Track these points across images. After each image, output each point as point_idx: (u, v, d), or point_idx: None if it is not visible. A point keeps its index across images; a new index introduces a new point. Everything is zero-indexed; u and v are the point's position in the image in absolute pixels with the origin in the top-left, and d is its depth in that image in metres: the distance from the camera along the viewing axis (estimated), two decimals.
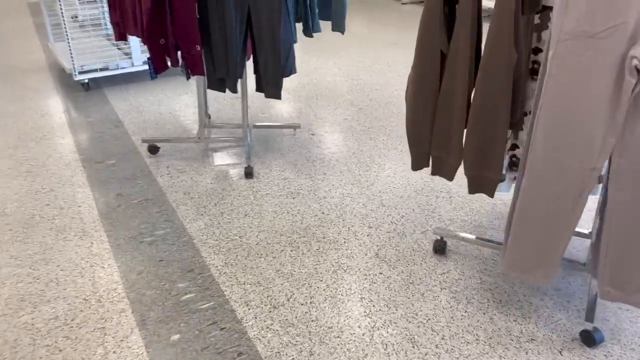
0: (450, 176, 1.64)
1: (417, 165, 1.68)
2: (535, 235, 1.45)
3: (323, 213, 2.23)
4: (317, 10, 2.53)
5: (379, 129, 3.01)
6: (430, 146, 1.63)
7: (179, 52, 2.37)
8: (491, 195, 1.59)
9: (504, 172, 1.86)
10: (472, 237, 1.94)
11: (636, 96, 1.23)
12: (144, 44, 2.36)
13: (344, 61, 4.16)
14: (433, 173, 1.68)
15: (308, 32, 2.54)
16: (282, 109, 3.27)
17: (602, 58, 1.21)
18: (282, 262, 1.92)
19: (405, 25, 5.25)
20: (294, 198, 2.33)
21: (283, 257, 1.94)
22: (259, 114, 3.19)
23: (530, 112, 1.79)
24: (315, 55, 4.21)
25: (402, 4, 6.01)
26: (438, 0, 1.46)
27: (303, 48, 2.59)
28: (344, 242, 2.03)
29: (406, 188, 2.41)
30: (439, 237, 1.97)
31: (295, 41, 2.50)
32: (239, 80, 2.49)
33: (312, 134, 2.95)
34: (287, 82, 3.72)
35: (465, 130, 1.56)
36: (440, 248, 1.95)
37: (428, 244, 2.01)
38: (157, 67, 2.39)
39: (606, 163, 1.36)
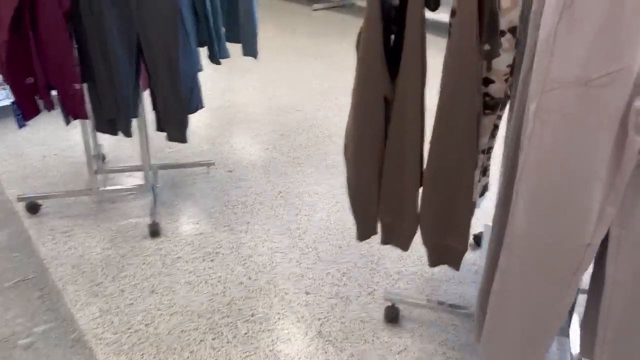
0: (405, 246, 1.33)
1: (363, 235, 1.35)
2: (517, 326, 1.16)
3: (249, 278, 1.85)
4: (223, 33, 2.14)
5: (306, 158, 2.67)
6: (378, 211, 1.31)
7: (54, 92, 1.90)
8: (457, 267, 1.30)
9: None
10: (432, 303, 1.65)
11: None
12: (6, 84, 1.87)
13: (258, 77, 3.78)
14: (384, 242, 1.36)
15: (214, 59, 2.14)
16: (193, 141, 2.85)
17: (599, 111, 0.94)
18: (203, 357, 1.53)
19: (319, 32, 4.95)
20: (212, 260, 1.94)
21: (203, 350, 1.55)
22: (165, 149, 2.75)
23: (483, 152, 1.52)
24: (225, 73, 3.80)
25: (313, 10, 5.71)
26: (377, 33, 1.13)
27: (210, 65, 2.20)
28: (278, 318, 1.67)
29: (344, 234, 2.09)
30: (390, 304, 1.66)
31: (200, 69, 2.10)
32: (136, 119, 2.05)
33: (230, 171, 2.56)
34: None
35: (421, 191, 1.25)
36: (392, 317, 1.64)
37: (378, 311, 1.69)
38: (25, 112, 1.91)
39: None
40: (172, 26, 1.80)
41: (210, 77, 3.69)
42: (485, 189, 1.64)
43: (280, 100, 3.40)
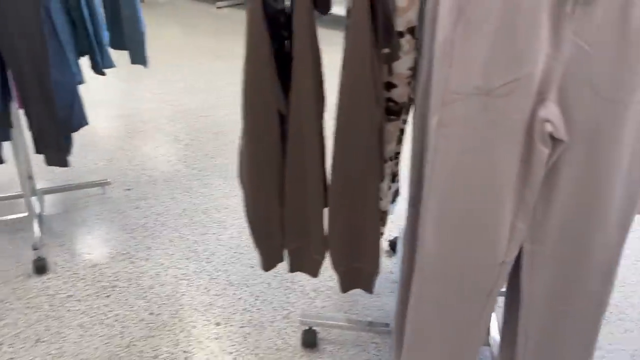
0: (314, 272, 1.21)
1: (268, 264, 1.22)
2: (437, 348, 1.08)
3: (151, 313, 1.67)
4: (106, 40, 1.93)
5: (213, 169, 2.49)
6: (283, 237, 1.18)
7: None
8: (369, 290, 1.20)
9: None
10: (351, 324, 1.56)
11: (550, 169, 0.90)
12: None
13: (160, 82, 3.53)
14: (292, 270, 1.24)
15: (97, 70, 1.92)
16: (87, 157, 2.59)
17: (504, 122, 0.86)
18: None
19: (223, 30, 4.75)
20: (108, 296, 1.73)
21: None
22: (55, 169, 2.47)
23: (391, 159, 1.43)
24: (123, 77, 3.52)
25: (217, 8, 5.47)
26: (264, 39, 1.00)
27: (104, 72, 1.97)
28: (185, 358, 1.51)
29: (256, 253, 1.94)
30: (307, 327, 1.55)
31: (81, 81, 1.88)
32: (10, 141, 1.79)
33: (128, 189, 2.33)
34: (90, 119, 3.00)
35: (326, 212, 1.14)
36: (310, 341, 1.53)
37: (294, 336, 1.57)
38: None
39: None
40: (38, 36, 1.57)
41: (106, 83, 3.40)
42: (396, 194, 1.56)
43: (184, 106, 3.18)
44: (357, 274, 1.18)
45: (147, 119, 3.01)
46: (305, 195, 1.12)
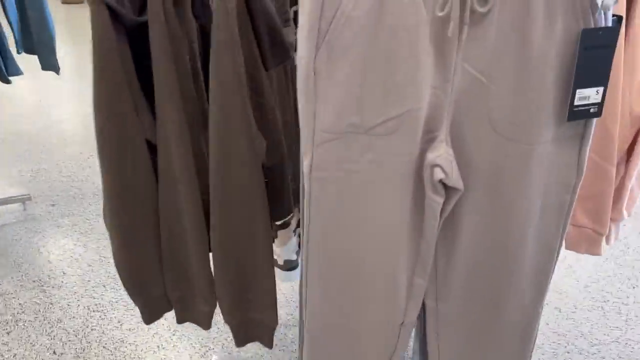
0: (205, 323, 1.05)
1: (151, 316, 1.05)
2: None
3: (54, 353, 1.50)
4: (18, 44, 1.74)
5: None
6: (164, 285, 1.02)
7: None
8: (269, 345, 1.05)
9: (294, 256, 1.34)
10: None
11: (449, 218, 0.75)
12: None
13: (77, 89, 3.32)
14: (179, 321, 1.07)
15: (2, 78, 1.73)
16: (12, 167, 2.40)
17: (389, 165, 0.71)
18: None
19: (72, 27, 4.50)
20: (9, 333, 1.56)
21: None
22: None
23: None
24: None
25: (63, 2, 5.15)
26: (113, 58, 0.83)
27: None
28: None
29: None
30: None
31: None
32: None
33: (52, 205, 2.15)
34: (20, 125, 2.81)
35: (211, 255, 0.98)
36: None
37: None
38: None
39: None
40: None
41: (22, 94, 3.19)
42: None
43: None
44: (254, 326, 1.03)
45: (71, 129, 2.81)
46: (184, 236, 0.96)
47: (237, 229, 0.92)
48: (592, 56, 0.61)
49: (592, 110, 0.64)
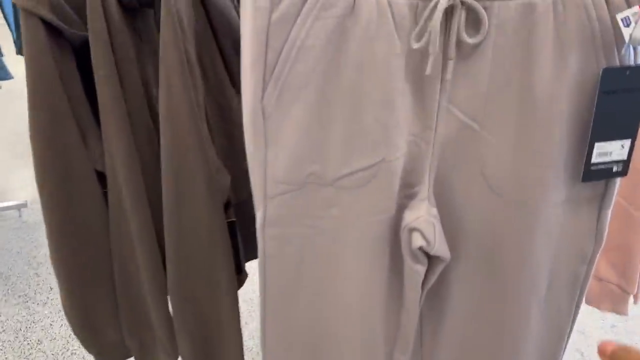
0: None
1: None
2: None
3: None
4: None
5: None
6: (121, 330, 0.91)
7: None
8: None
9: None
10: None
11: (435, 287, 0.61)
12: None
13: None
14: None
15: None
16: (15, 176, 2.34)
17: (358, 224, 0.57)
18: None
19: None
20: None
21: None
22: None
23: None
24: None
25: None
26: (51, 81, 0.72)
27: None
28: None
29: None
30: None
31: None
32: None
33: None
34: None
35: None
36: None
37: None
38: None
39: None
40: None
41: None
42: None
43: None
44: None
45: None
46: (139, 277, 0.84)
47: (195, 277, 0.80)
48: (617, 102, 0.47)
49: (615, 169, 0.50)
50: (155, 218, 0.80)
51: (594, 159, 0.49)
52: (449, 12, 0.46)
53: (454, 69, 0.49)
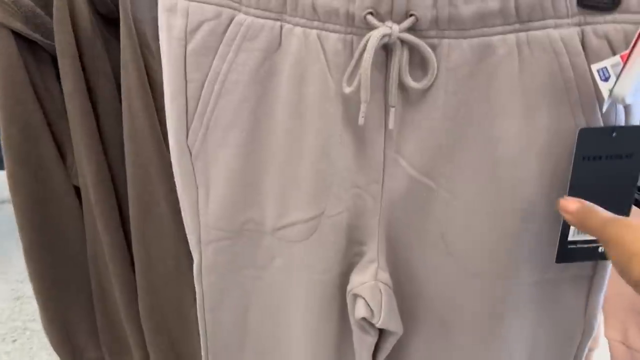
0: None
1: None
2: None
3: None
4: None
5: None
6: (101, 349, 0.88)
7: None
8: None
9: None
10: None
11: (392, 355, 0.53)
12: None
13: None
14: None
15: None
16: None
17: (303, 279, 0.50)
18: None
19: None
20: (14, 341, 1.53)
21: None
22: None
23: None
24: None
25: None
26: (23, 95, 0.69)
27: None
28: None
29: None
30: None
31: None
32: None
33: None
34: None
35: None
36: None
37: None
38: None
39: None
40: None
41: None
42: None
43: None
44: None
45: None
46: (114, 298, 0.81)
47: (165, 307, 0.76)
48: (601, 170, 0.37)
49: (600, 249, 0.40)
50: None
51: (571, 236, 0.39)
52: (390, 50, 0.38)
53: (401, 117, 0.40)
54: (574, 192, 0.37)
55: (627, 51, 0.33)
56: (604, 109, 0.35)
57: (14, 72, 0.68)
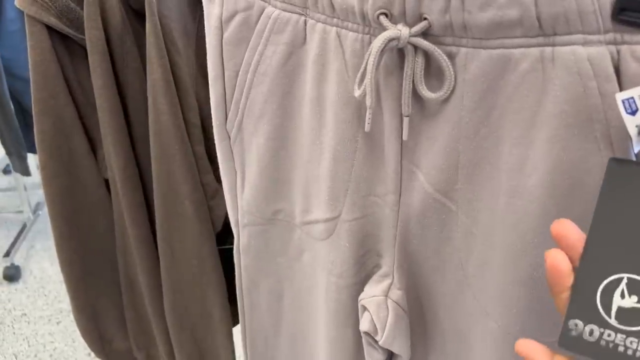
0: None
1: None
2: None
3: (89, 355, 1.49)
4: None
5: None
6: (129, 339, 0.89)
7: None
8: None
9: None
10: None
11: None
12: None
13: None
14: None
15: None
16: None
17: (322, 280, 0.49)
18: None
19: None
20: (58, 323, 1.59)
21: None
22: None
23: None
24: None
25: None
26: (56, 89, 0.70)
27: None
28: None
29: None
30: None
31: None
32: None
33: None
34: None
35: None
36: None
37: None
38: None
39: None
40: None
41: None
42: None
43: None
44: None
45: None
46: (142, 291, 0.82)
47: (188, 304, 0.76)
48: (632, 215, 0.30)
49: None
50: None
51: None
52: (406, 54, 0.35)
53: (418, 128, 0.37)
54: (593, 246, 0.28)
55: None
56: (636, 150, 0.30)
57: (47, 66, 0.69)
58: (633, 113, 0.28)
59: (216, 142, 0.50)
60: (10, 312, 1.63)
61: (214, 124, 0.49)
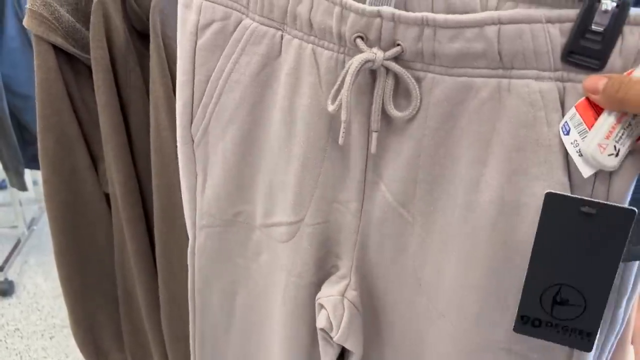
0: None
1: None
2: None
3: None
4: None
5: None
6: (125, 352, 0.91)
7: None
8: None
9: None
10: None
11: None
12: None
13: None
14: None
15: None
16: None
17: (284, 282, 0.51)
18: None
19: None
20: (52, 338, 1.59)
21: None
22: None
23: None
24: None
25: None
26: (60, 105, 0.72)
27: None
28: None
29: None
30: None
31: None
32: None
33: None
34: None
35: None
36: None
37: None
38: None
39: None
40: None
41: None
42: None
43: None
44: None
45: None
46: (139, 304, 0.83)
47: (186, 317, 0.77)
48: (569, 243, 0.35)
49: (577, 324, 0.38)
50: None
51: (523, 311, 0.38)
52: (377, 75, 0.38)
53: (384, 142, 0.40)
54: (536, 261, 0.36)
55: (583, 100, 0.32)
56: (585, 175, 0.33)
57: (51, 84, 0.71)
58: (567, 133, 0.33)
59: (178, 145, 0.52)
60: (3, 327, 1.63)
61: (177, 127, 0.51)
